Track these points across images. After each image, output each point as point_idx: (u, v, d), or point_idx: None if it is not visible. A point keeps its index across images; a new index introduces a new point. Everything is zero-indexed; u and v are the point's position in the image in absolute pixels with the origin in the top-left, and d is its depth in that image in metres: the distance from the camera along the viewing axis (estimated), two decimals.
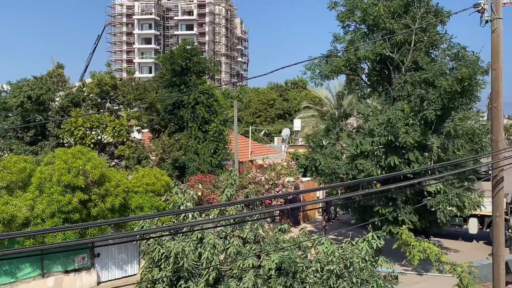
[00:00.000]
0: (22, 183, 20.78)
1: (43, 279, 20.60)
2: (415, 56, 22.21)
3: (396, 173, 18.89)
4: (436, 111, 19.87)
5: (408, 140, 19.92)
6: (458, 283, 10.72)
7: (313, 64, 23.84)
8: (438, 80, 19.85)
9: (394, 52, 22.71)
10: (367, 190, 17.24)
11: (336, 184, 20.43)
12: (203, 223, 13.57)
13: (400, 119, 20.38)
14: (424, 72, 20.63)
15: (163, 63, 31.92)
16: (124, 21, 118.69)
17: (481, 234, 28.42)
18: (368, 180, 19.56)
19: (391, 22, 22.17)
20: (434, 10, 22.58)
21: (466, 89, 20.02)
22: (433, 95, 19.82)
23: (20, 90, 27.84)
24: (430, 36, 22.31)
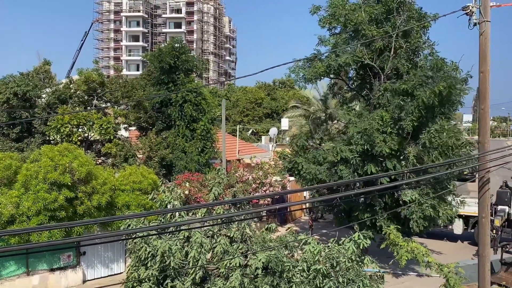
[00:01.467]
0: (8, 180, 20.58)
1: (28, 277, 20.44)
2: (396, 63, 21.97)
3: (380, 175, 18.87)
4: (413, 122, 19.79)
5: (384, 150, 19.86)
6: (444, 283, 10.81)
7: (297, 67, 23.58)
8: (416, 91, 19.78)
9: (374, 59, 22.52)
10: (356, 190, 17.38)
11: (322, 185, 20.40)
12: (190, 223, 13.55)
13: (378, 128, 20.32)
14: (403, 83, 20.49)
15: (151, 61, 31.79)
16: (111, 18, 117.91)
17: (465, 234, 28.69)
18: (354, 181, 19.65)
19: (370, 29, 21.94)
20: (417, 15, 22.31)
21: (444, 100, 20.03)
22: (411, 106, 19.70)
23: (6, 86, 27.57)
24: (411, 42, 22.00)
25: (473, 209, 27.02)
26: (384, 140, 20.04)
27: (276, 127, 55.04)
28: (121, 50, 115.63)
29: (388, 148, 19.77)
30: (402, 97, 20.26)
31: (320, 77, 23.50)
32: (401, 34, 21.92)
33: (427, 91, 19.37)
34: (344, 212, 23.78)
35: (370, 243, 14.32)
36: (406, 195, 19.84)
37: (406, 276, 22.92)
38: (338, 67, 22.57)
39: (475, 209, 26.80)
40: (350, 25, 22.59)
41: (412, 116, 19.62)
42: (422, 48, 22.43)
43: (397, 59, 21.89)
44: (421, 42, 22.07)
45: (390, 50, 22.13)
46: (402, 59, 21.76)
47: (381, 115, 20.45)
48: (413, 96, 19.97)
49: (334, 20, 23.29)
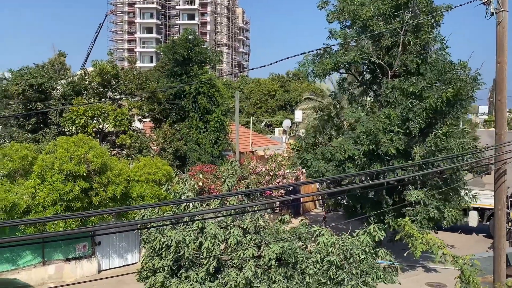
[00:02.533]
0: (24, 171, 20.82)
1: (44, 267, 20.70)
2: (404, 59, 21.36)
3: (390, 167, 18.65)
4: (420, 124, 19.41)
5: (390, 150, 19.57)
6: (459, 275, 10.75)
7: (306, 61, 23.16)
8: (425, 93, 19.38)
9: (382, 56, 21.98)
10: (365, 183, 17.26)
11: (332, 177, 20.23)
12: (204, 213, 13.60)
13: (385, 128, 19.91)
14: (411, 84, 19.93)
15: (165, 53, 31.83)
16: (125, 9, 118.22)
17: (481, 227, 28.49)
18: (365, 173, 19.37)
19: (379, 25, 21.39)
20: (428, 9, 21.56)
21: (452, 103, 19.64)
22: (419, 109, 19.35)
23: (21, 78, 27.79)
24: (421, 38, 21.21)
25: (489, 201, 26.81)
26: (391, 139, 19.74)
27: (289, 119, 54.94)
28: (135, 42, 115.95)
29: (394, 148, 19.45)
30: (410, 99, 19.82)
31: (329, 72, 23.11)
32: (410, 29, 21.35)
33: (435, 95, 18.98)
34: (353, 208, 23.68)
35: (384, 235, 14.27)
36: (411, 195, 19.44)
37: (418, 268, 22.85)
38: (346, 63, 22.25)
39: (490, 201, 26.74)
40: (358, 21, 22.06)
41: (419, 119, 19.30)
42: (432, 44, 21.72)
43: (406, 56, 21.29)
44: (430, 38, 21.29)
45: (398, 46, 21.54)
46: (411, 56, 21.12)
47: (388, 113, 20.11)
48: (421, 98, 19.58)
49: (342, 15, 22.80)
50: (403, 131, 19.98)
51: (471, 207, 27.21)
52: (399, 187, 21.03)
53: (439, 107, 19.04)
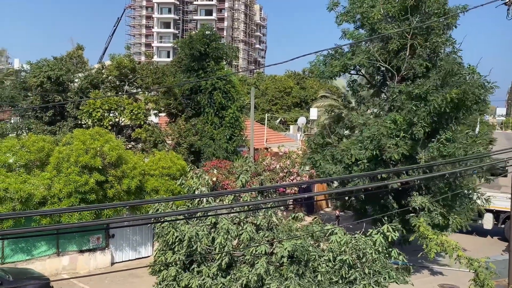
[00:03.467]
0: (40, 162, 21.05)
1: (58, 258, 20.92)
2: (412, 63, 20.88)
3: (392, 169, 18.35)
4: (425, 128, 18.98)
5: (393, 156, 19.29)
6: (474, 277, 10.64)
7: (318, 61, 22.92)
8: (430, 96, 18.93)
9: (389, 59, 21.54)
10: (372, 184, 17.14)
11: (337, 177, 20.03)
12: (218, 209, 13.64)
13: (390, 132, 19.56)
14: (416, 87, 19.50)
15: (182, 48, 31.91)
16: (144, 4, 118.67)
17: (495, 229, 28.21)
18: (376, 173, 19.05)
19: (387, 28, 20.96)
20: (441, 11, 20.88)
21: (458, 107, 19.15)
22: (423, 112, 18.94)
23: (40, 70, 28.07)
24: (431, 41, 20.68)
25: (504, 204, 26.54)
26: (396, 144, 19.44)
27: (304, 116, 54.81)
28: (153, 36, 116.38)
29: (398, 154, 19.15)
30: (414, 102, 19.38)
31: (338, 74, 22.77)
32: (420, 32, 20.83)
33: (439, 97, 18.54)
34: (363, 210, 23.49)
35: (398, 236, 14.19)
36: (415, 201, 19.09)
37: (426, 270, 22.71)
38: (354, 66, 21.98)
39: (506, 204, 26.50)
40: (367, 24, 21.78)
41: (423, 122, 18.88)
42: (441, 47, 21.02)
43: (415, 59, 20.81)
44: (439, 41, 20.61)
45: (407, 49, 21.08)
46: (420, 59, 20.64)
47: (394, 118, 19.75)
48: (426, 101, 19.13)
49: (351, 17, 22.44)
50: (408, 136, 19.58)
51: (485, 210, 26.99)
52: (405, 192, 20.78)
53: (443, 109, 18.57)
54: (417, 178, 16.74)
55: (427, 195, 19.71)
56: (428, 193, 20.10)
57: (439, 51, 21.06)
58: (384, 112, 21.70)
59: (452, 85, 18.86)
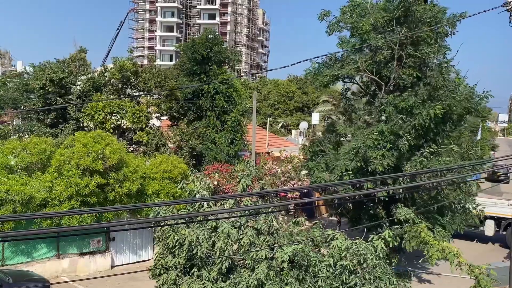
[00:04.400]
0: (42, 164, 21.06)
1: (58, 260, 20.90)
2: (401, 74, 20.58)
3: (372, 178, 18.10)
4: (409, 141, 18.77)
5: (378, 168, 19.12)
6: (475, 284, 10.59)
7: (313, 69, 22.81)
8: (416, 109, 18.79)
9: (379, 70, 21.32)
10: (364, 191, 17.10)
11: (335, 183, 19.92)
12: (219, 213, 13.61)
13: (376, 144, 19.37)
14: (402, 100, 19.36)
15: (184, 52, 31.97)
16: (147, 8, 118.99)
17: (497, 236, 28.13)
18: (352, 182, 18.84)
19: (376, 38, 20.75)
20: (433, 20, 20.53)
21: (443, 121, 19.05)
22: (408, 125, 18.81)
23: (42, 72, 28.11)
24: (421, 51, 20.26)
25: (506, 210, 26.49)
26: (383, 155, 19.32)
27: (306, 121, 54.80)
28: (155, 40, 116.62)
29: (382, 166, 19.00)
30: (400, 116, 19.25)
31: (329, 84, 22.60)
32: (409, 42, 20.54)
33: (424, 112, 18.39)
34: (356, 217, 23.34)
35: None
36: (400, 213, 18.77)
37: (432, 275, 22.63)
38: (343, 76, 21.85)
39: (507, 210, 26.45)
40: (356, 34, 21.56)
41: (408, 136, 18.71)
42: (430, 57, 20.65)
43: (405, 69, 20.51)
44: (429, 51, 20.18)
45: (397, 59, 20.77)
46: (409, 69, 20.36)
47: (382, 129, 19.51)
48: (412, 115, 18.99)
49: (341, 28, 22.18)
50: (395, 147, 19.41)
51: (485, 216, 26.93)
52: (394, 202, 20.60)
53: (427, 124, 18.42)
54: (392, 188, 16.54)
55: (412, 207, 19.49)
56: (414, 205, 19.90)
57: (429, 61, 20.78)
58: (375, 121, 21.51)
59: (438, 99, 18.67)
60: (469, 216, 21.48)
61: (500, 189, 28.24)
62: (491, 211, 28.08)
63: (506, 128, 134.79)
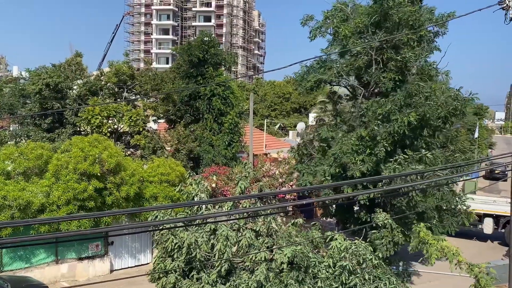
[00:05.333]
0: (39, 169, 20.99)
1: (57, 266, 20.82)
2: (381, 78, 20.36)
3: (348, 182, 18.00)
4: (386, 147, 18.63)
5: (356, 173, 18.86)
6: (474, 283, 10.58)
7: (302, 72, 22.68)
8: (392, 115, 18.66)
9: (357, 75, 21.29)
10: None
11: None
12: (217, 215, 13.61)
13: (356, 149, 19.25)
14: (379, 106, 19.19)
15: (181, 54, 31.95)
16: (142, 11, 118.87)
17: (496, 234, 28.15)
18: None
19: (356, 43, 20.60)
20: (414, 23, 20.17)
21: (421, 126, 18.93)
22: (385, 132, 18.69)
23: (38, 77, 28.05)
24: (402, 55, 19.96)
25: (504, 208, 26.52)
26: (363, 160, 19.14)
27: (303, 122, 54.79)
28: (151, 43, 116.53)
29: (359, 171, 18.92)
30: (376, 122, 19.13)
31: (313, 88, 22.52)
32: (390, 46, 20.36)
33: (399, 119, 18.29)
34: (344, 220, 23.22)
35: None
36: (378, 218, 18.56)
37: (432, 274, 22.61)
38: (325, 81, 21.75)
39: (506, 208, 26.46)
40: (337, 39, 21.49)
41: (384, 142, 18.60)
42: (411, 61, 20.23)
43: (385, 74, 20.32)
44: (410, 56, 19.86)
45: (374, 64, 20.66)
46: (390, 73, 20.18)
47: (361, 134, 19.36)
48: (388, 121, 18.87)
49: (323, 32, 22.01)
50: (373, 153, 19.27)
51: (483, 214, 26.93)
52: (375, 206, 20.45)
53: (401, 131, 18.32)
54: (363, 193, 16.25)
55: (391, 212, 19.35)
56: (392, 210, 19.74)
57: (410, 65, 20.47)
58: (357, 125, 21.39)
59: (413, 106, 18.52)
60: (459, 218, 21.33)
61: (498, 187, 28.25)
62: (489, 209, 28.13)
63: (503, 126, 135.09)
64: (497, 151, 68.38)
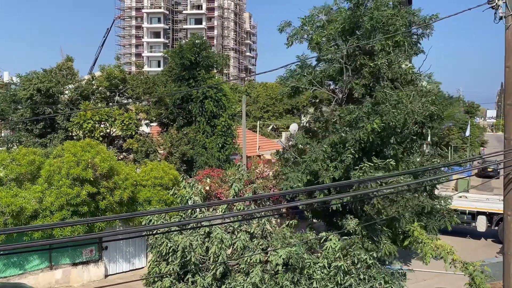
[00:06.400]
0: (31, 175, 20.88)
1: (51, 271, 20.71)
2: (353, 84, 20.35)
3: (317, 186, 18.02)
4: (354, 154, 18.49)
5: (325, 180, 18.73)
6: (469, 281, 10.62)
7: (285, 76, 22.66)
8: (360, 122, 18.54)
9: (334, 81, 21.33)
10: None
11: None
12: (211, 219, 13.57)
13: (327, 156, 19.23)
14: (348, 113, 19.06)
15: (172, 57, 31.91)
16: (133, 14, 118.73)
17: (489, 232, 28.30)
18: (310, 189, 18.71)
19: (329, 50, 20.61)
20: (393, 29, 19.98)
21: (389, 134, 18.87)
22: (352, 139, 18.57)
23: (29, 82, 27.93)
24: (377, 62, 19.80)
25: (497, 206, 26.67)
26: (335, 167, 19.09)
27: (296, 123, 54.82)
28: (143, 46, 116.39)
29: (329, 178, 18.75)
30: (344, 128, 19.11)
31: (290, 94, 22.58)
32: (363, 52, 20.35)
33: (366, 126, 18.15)
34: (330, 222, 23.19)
35: None
36: (349, 224, 18.22)
37: (427, 273, 22.69)
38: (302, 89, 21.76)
39: (499, 206, 26.60)
40: (311, 46, 21.47)
41: (352, 149, 18.52)
42: (383, 68, 19.94)
43: (358, 80, 20.29)
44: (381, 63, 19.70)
45: (353, 70, 20.69)
46: (363, 80, 20.14)
47: (333, 141, 19.31)
48: (356, 128, 18.76)
49: (300, 38, 21.81)
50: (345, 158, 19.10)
51: (477, 212, 27.03)
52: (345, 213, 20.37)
53: (366, 139, 18.21)
54: (330, 198, 16.26)
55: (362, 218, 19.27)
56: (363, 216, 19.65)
57: (383, 71, 20.16)
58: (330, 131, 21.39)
59: (379, 114, 18.35)
60: (442, 221, 21.27)
61: (491, 185, 28.43)
62: (483, 207, 28.30)
63: (494, 123, 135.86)
64: (489, 149, 68.78)
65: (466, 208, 28.54)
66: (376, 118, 17.99)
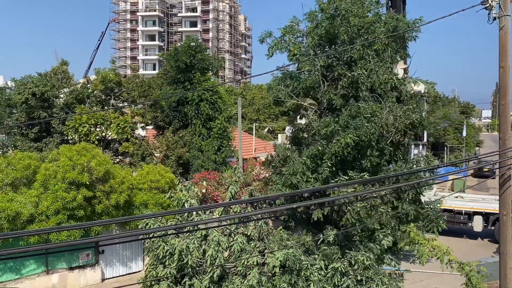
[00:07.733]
0: (27, 180, 20.81)
1: (47, 276, 20.64)
2: (331, 95, 20.46)
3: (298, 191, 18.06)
4: (329, 167, 18.59)
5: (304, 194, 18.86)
6: (466, 282, 10.64)
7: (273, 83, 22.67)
8: (337, 135, 18.59)
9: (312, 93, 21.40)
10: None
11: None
12: (208, 222, 13.56)
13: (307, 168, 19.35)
14: (325, 126, 19.19)
15: (167, 60, 31.91)
16: (128, 17, 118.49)
17: (485, 231, 28.37)
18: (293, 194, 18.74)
19: (306, 62, 20.78)
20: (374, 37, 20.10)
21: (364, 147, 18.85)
22: (328, 152, 18.67)
23: (24, 86, 27.87)
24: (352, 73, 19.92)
25: (493, 206, 26.74)
26: (315, 178, 19.14)
27: (290, 126, 54.83)
28: (138, 49, 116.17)
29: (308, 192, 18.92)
30: (321, 142, 19.21)
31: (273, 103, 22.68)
32: (342, 63, 20.42)
33: (341, 139, 18.19)
34: None
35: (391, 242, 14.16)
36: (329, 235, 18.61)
37: (424, 273, 22.71)
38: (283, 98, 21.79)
39: (495, 206, 26.68)
40: (289, 57, 21.53)
41: (328, 162, 18.56)
42: (362, 77, 19.97)
43: (336, 91, 20.36)
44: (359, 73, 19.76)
45: (325, 82, 20.82)
46: (342, 90, 20.22)
47: (312, 153, 19.36)
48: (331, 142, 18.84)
49: (280, 49, 21.74)
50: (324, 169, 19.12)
51: (473, 212, 27.05)
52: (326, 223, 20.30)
53: (341, 152, 18.30)
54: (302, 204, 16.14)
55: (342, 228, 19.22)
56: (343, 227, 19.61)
57: (362, 80, 20.14)
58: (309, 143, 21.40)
59: (354, 128, 18.38)
60: (430, 226, 21.21)
61: (487, 184, 28.52)
62: (479, 207, 28.38)
63: (489, 123, 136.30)
64: (485, 149, 68.99)
65: (462, 208, 28.62)
66: (349, 132, 17.99)
